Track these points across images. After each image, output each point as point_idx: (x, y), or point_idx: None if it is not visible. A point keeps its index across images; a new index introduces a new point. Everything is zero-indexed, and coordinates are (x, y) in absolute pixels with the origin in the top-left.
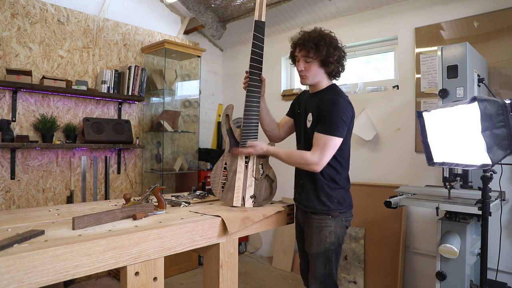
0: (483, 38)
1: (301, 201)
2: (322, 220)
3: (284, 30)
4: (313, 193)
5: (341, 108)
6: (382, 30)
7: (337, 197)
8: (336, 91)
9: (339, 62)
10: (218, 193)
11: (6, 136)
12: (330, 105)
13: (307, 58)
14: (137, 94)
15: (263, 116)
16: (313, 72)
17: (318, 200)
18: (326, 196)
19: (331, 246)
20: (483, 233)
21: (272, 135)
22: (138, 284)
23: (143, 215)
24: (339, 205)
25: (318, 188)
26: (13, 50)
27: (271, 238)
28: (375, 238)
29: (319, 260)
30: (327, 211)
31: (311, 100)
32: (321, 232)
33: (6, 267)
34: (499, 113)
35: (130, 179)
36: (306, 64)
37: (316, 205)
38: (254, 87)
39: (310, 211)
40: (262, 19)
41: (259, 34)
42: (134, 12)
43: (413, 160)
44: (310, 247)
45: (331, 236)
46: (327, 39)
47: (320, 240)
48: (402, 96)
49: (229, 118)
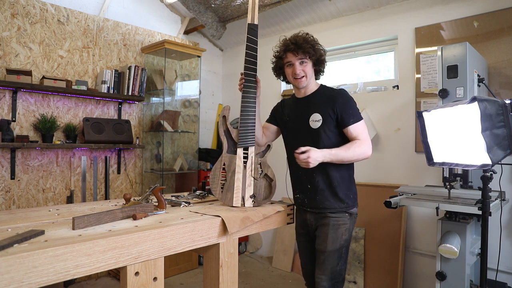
0: (483, 38)
1: (315, 205)
2: (340, 218)
3: (284, 30)
4: (330, 193)
5: (350, 96)
6: (382, 30)
7: (351, 191)
8: (330, 87)
9: (324, 64)
10: (217, 194)
11: (6, 136)
12: (345, 98)
13: (304, 59)
14: (137, 94)
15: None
16: (310, 73)
17: (336, 198)
18: (343, 193)
19: (345, 243)
20: (483, 233)
21: (256, 140)
22: (138, 284)
23: (143, 215)
24: (354, 200)
25: (335, 186)
26: (13, 50)
27: (271, 238)
28: (375, 238)
29: (333, 257)
30: (345, 208)
31: (308, 102)
32: (338, 230)
33: (6, 267)
34: (499, 113)
35: (130, 179)
36: (303, 66)
37: (334, 204)
38: (250, 88)
39: (328, 212)
40: (255, 22)
41: (252, 37)
42: (134, 12)
43: (413, 160)
44: (325, 244)
45: (346, 233)
46: (317, 43)
47: (337, 238)
48: (402, 96)
49: (226, 119)
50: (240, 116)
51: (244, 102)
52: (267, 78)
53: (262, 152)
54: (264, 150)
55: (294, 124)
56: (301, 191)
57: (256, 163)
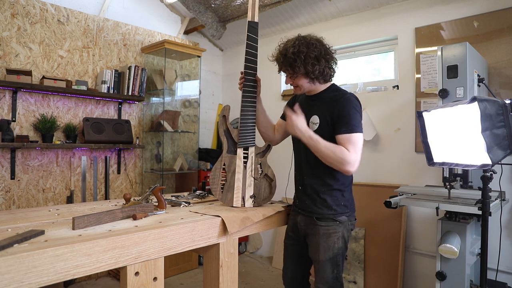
0: (483, 38)
1: (305, 208)
2: (330, 226)
3: (284, 30)
4: (317, 198)
5: (356, 105)
6: (382, 30)
7: (343, 198)
8: (339, 89)
9: (324, 71)
10: (218, 194)
11: (6, 136)
12: (346, 104)
13: (288, 76)
14: (137, 94)
15: (259, 117)
16: (301, 84)
17: (324, 204)
18: (333, 200)
19: (339, 251)
20: (483, 233)
21: (267, 137)
22: (138, 284)
23: (143, 215)
24: (345, 208)
25: (323, 192)
26: (13, 50)
27: (271, 238)
28: (375, 238)
29: (327, 266)
30: (333, 215)
31: (312, 102)
32: (329, 239)
33: (6, 267)
34: (499, 113)
35: (130, 179)
36: (293, 79)
37: (321, 210)
38: (250, 87)
39: (315, 216)
40: (255, 19)
41: (252, 35)
42: (134, 12)
43: (413, 160)
44: (317, 254)
45: (339, 241)
46: (303, 55)
47: (329, 247)
48: (402, 96)
49: (226, 119)
50: (240, 116)
51: (244, 102)
52: (267, 78)
53: (262, 152)
54: (264, 150)
55: None
56: (296, 191)
57: (256, 163)
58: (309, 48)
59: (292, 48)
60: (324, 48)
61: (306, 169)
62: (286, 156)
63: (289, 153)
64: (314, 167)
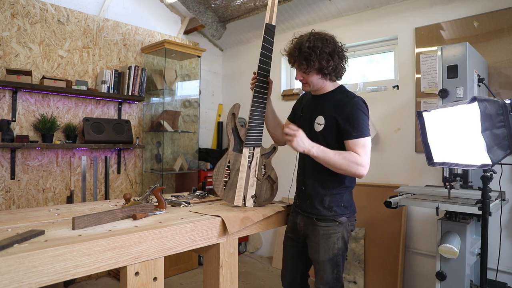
0: (483, 38)
1: (305, 208)
2: (330, 227)
3: (284, 30)
4: (318, 200)
5: (364, 108)
6: (382, 30)
7: (343, 200)
8: (347, 91)
9: (336, 68)
10: (220, 191)
11: (6, 136)
12: (355, 109)
13: (304, 70)
14: (137, 94)
15: (268, 117)
16: (312, 80)
17: (324, 206)
18: (333, 202)
19: (339, 251)
20: (483, 233)
21: (275, 138)
22: (138, 284)
23: (143, 215)
24: (345, 209)
25: (324, 194)
26: (13, 50)
27: (271, 238)
28: (375, 238)
29: (327, 266)
30: (333, 216)
31: (318, 102)
32: (329, 239)
33: (6, 267)
34: (499, 113)
35: (130, 179)
36: (304, 75)
37: (321, 212)
38: (262, 89)
39: (315, 217)
40: (273, 22)
41: (269, 37)
42: (134, 12)
43: (413, 160)
44: (317, 254)
45: (339, 242)
46: (318, 50)
47: (328, 248)
48: (402, 96)
49: (235, 117)
50: (249, 115)
51: (255, 102)
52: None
53: (267, 153)
54: (270, 152)
55: (304, 121)
56: (297, 191)
57: (261, 164)
58: (324, 44)
59: (308, 43)
60: (337, 45)
61: (309, 169)
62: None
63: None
64: (318, 168)
